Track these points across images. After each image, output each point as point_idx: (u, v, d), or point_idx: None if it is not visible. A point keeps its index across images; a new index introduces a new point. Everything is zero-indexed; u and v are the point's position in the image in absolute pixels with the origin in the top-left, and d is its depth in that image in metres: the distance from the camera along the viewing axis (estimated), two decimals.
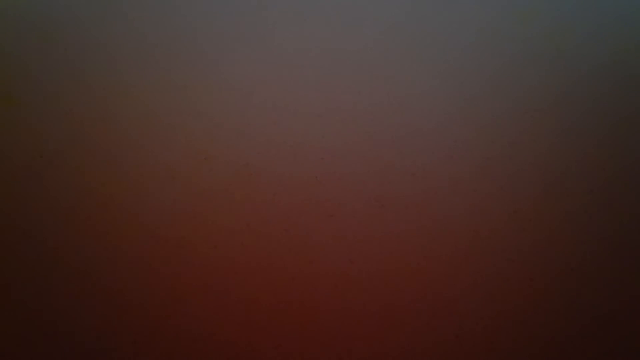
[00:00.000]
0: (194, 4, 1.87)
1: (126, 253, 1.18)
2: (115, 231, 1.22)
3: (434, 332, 1.07)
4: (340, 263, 1.18)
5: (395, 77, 1.66)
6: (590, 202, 1.34)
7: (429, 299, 1.12)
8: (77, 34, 1.73)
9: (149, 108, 1.53)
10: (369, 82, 1.65)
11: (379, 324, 1.08)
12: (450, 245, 1.23)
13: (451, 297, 1.12)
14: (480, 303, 1.12)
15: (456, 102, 1.59)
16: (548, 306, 1.11)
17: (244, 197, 1.32)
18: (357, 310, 1.10)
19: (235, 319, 1.08)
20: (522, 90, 1.64)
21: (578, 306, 1.11)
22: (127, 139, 1.44)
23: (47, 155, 1.39)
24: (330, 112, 1.55)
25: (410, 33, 1.81)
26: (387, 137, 1.48)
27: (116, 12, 1.80)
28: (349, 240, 1.23)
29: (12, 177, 1.34)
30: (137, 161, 1.39)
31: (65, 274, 1.13)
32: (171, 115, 1.52)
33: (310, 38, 1.78)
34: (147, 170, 1.37)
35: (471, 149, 1.46)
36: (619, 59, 1.73)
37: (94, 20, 1.78)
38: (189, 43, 1.74)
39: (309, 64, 1.70)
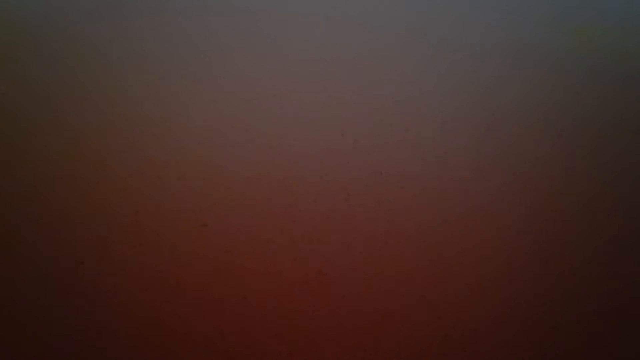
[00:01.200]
0: (190, 8, 1.87)
1: (121, 255, 1.18)
2: (110, 233, 1.22)
3: (434, 333, 1.06)
4: (341, 264, 1.18)
5: (397, 79, 1.66)
6: (592, 202, 1.33)
7: (428, 300, 1.12)
8: (72, 38, 1.74)
9: (144, 111, 1.53)
10: (371, 84, 1.65)
11: (378, 325, 1.07)
12: (450, 246, 1.22)
13: (449, 298, 1.12)
14: (478, 304, 1.11)
15: (459, 102, 1.59)
16: (547, 307, 1.11)
17: (242, 199, 1.31)
18: (357, 312, 1.10)
19: (235, 321, 1.08)
20: (525, 89, 1.63)
21: (578, 307, 1.11)
22: (122, 141, 1.44)
23: (44, 158, 1.39)
24: (332, 116, 1.55)
25: (411, 36, 1.81)
26: (390, 138, 1.48)
27: (113, 16, 1.81)
28: (350, 241, 1.23)
29: (9, 180, 1.34)
30: (133, 163, 1.39)
31: (62, 275, 1.13)
32: (166, 118, 1.52)
33: (308, 44, 1.78)
34: (142, 172, 1.36)
35: (473, 149, 1.46)
36: (621, 59, 1.73)
37: (89, 23, 1.79)
38: (185, 47, 1.74)
39: (309, 67, 1.71)
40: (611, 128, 1.53)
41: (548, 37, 1.81)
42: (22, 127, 1.47)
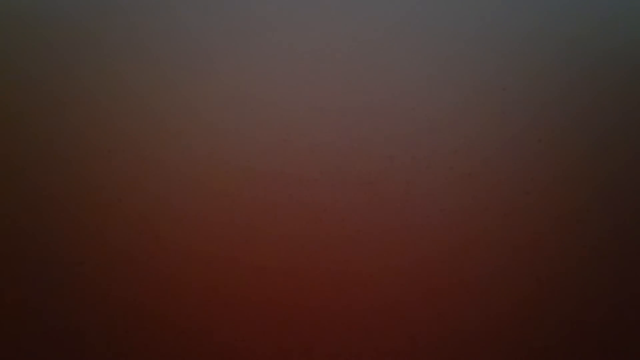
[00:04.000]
0: (190, 4, 1.86)
1: (125, 252, 1.18)
2: (114, 231, 1.22)
3: (433, 332, 1.07)
4: (341, 262, 1.18)
5: (395, 75, 1.65)
6: (591, 202, 1.33)
7: (428, 298, 1.12)
8: (72, 34, 1.73)
9: (146, 108, 1.53)
10: (368, 80, 1.64)
11: (379, 324, 1.08)
12: (450, 242, 1.22)
13: (448, 297, 1.12)
14: (478, 303, 1.11)
15: (456, 99, 1.58)
16: (545, 307, 1.11)
17: (242, 197, 1.31)
18: (357, 310, 1.10)
19: (236, 319, 1.08)
20: (523, 86, 1.62)
21: (577, 307, 1.11)
22: (125, 140, 1.44)
23: (46, 155, 1.39)
24: (330, 111, 1.54)
25: (409, 30, 1.80)
26: (388, 135, 1.48)
27: (113, 12, 1.79)
28: (350, 238, 1.23)
29: (10, 178, 1.34)
30: (135, 161, 1.39)
31: (64, 273, 1.14)
32: (169, 115, 1.51)
33: (308, 36, 1.77)
34: (145, 170, 1.36)
35: (472, 145, 1.45)
36: (621, 55, 1.72)
37: (90, 19, 1.77)
38: (187, 43, 1.73)
39: (308, 62, 1.70)
40: (616, 120, 1.52)
41: (551, 26, 1.79)
42: (24, 126, 1.47)
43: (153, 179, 1.34)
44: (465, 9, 1.87)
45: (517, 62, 1.69)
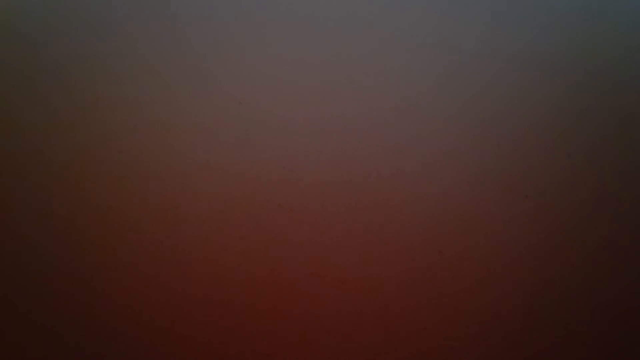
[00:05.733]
0: (189, 12, 1.87)
1: (125, 261, 1.17)
2: (114, 239, 1.22)
3: (430, 334, 1.06)
4: (342, 267, 1.17)
5: (395, 82, 1.66)
6: (592, 203, 1.32)
7: (425, 302, 1.11)
8: (69, 43, 1.74)
9: (144, 117, 1.53)
10: (368, 88, 1.64)
11: (377, 328, 1.07)
12: (450, 247, 1.22)
13: (446, 300, 1.11)
14: (479, 303, 1.11)
15: (455, 105, 1.59)
16: (547, 307, 1.10)
17: (242, 206, 1.31)
18: (356, 314, 1.09)
19: (235, 326, 1.07)
20: (522, 92, 1.63)
21: (577, 307, 1.10)
22: (123, 149, 1.44)
23: (43, 164, 1.39)
24: (330, 118, 1.54)
25: (409, 38, 1.81)
26: (388, 142, 1.48)
27: (110, 21, 1.81)
28: (351, 244, 1.22)
29: (9, 186, 1.34)
30: (135, 170, 1.39)
31: (64, 282, 1.13)
32: (166, 124, 1.51)
33: (307, 44, 1.78)
34: (145, 179, 1.36)
35: (472, 151, 1.45)
36: (619, 60, 1.73)
37: (86, 28, 1.79)
38: (186, 52, 1.74)
39: (307, 70, 1.70)
40: (609, 130, 1.52)
41: (544, 39, 1.80)
42: (22, 135, 1.47)
43: (150, 186, 1.34)
44: (463, 19, 1.87)
45: (516, 71, 1.70)
